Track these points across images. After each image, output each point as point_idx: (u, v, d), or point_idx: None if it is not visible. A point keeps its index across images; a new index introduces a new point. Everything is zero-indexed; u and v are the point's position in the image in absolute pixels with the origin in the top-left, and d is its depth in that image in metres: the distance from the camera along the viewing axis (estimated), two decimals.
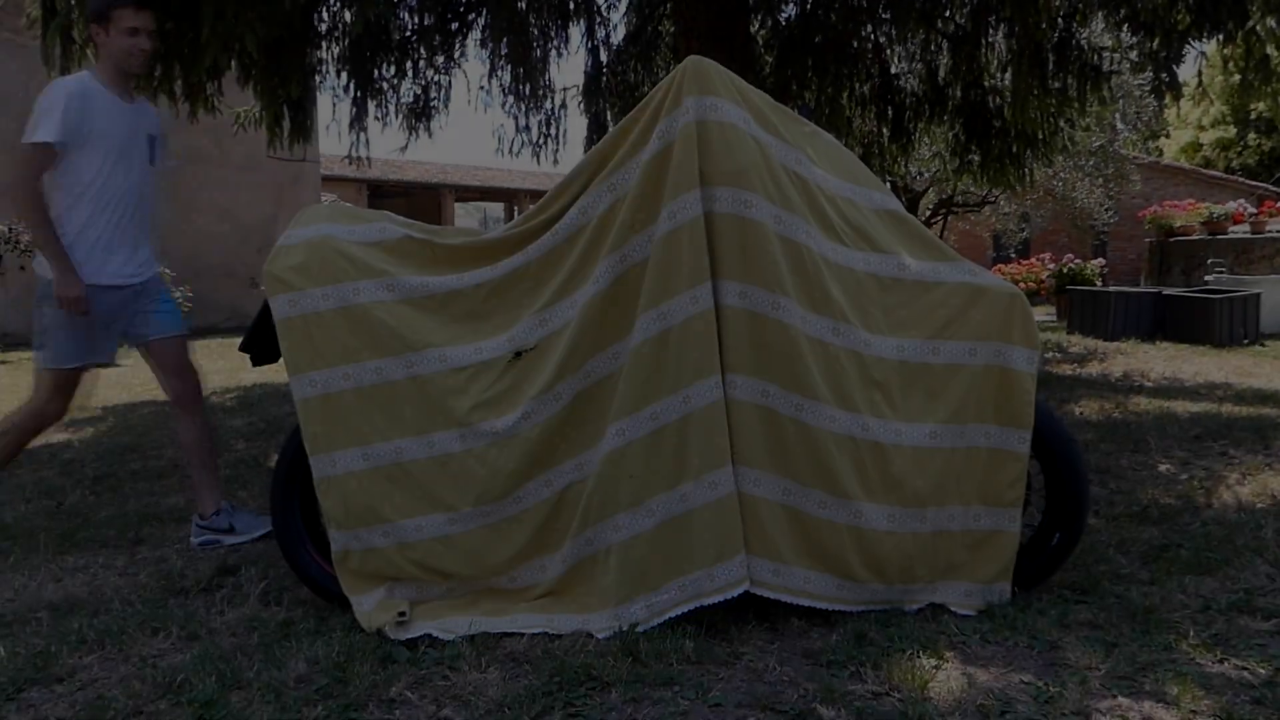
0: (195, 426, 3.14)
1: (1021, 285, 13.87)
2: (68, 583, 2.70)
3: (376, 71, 6.46)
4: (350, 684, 1.95)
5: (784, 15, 6.95)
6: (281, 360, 2.40)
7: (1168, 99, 5.71)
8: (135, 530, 3.24)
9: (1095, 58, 6.36)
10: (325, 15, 5.97)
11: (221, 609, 2.44)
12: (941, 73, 7.22)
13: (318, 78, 6.34)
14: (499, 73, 7.01)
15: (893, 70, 7.47)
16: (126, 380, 7.95)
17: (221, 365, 9.02)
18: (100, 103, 2.91)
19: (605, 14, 7.17)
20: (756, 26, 7.01)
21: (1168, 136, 27.24)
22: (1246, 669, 1.93)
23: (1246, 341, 8.55)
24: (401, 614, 2.23)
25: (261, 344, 2.48)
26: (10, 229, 9.85)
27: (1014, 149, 7.27)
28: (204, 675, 1.98)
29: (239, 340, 2.55)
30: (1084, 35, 6.47)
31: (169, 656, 2.14)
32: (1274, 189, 20.50)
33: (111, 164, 2.93)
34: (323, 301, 2.31)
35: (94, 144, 2.88)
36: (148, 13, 2.95)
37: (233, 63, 5.31)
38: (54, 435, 5.22)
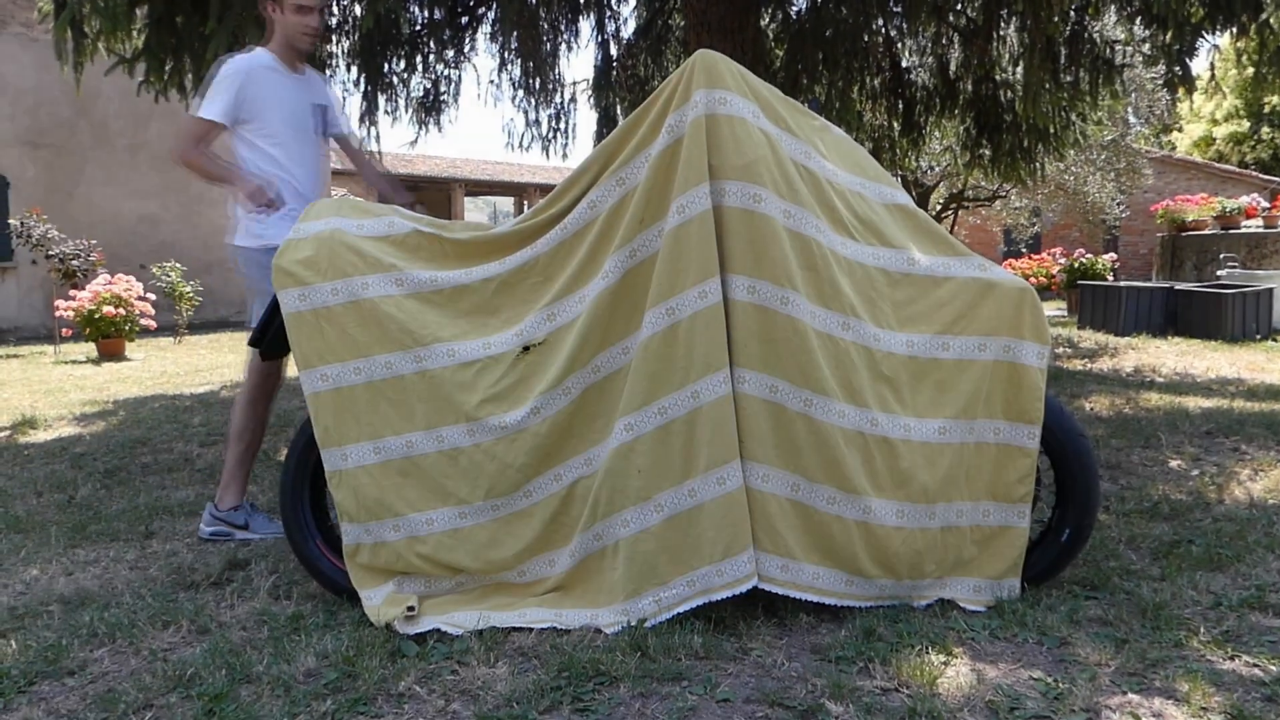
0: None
1: (1032, 280, 13.81)
2: (79, 576, 2.72)
3: (387, 66, 6.46)
4: (359, 678, 1.95)
5: (794, 9, 6.92)
6: (291, 354, 2.41)
7: (1180, 92, 5.66)
8: (146, 524, 3.26)
9: (1107, 51, 6.31)
10: (336, 9, 5.98)
11: (231, 603, 2.45)
12: (953, 66, 7.18)
13: (328, 72, 6.35)
14: (509, 67, 7.01)
15: (903, 64, 7.43)
16: (137, 374, 8.00)
17: (231, 359, 9.06)
18: (268, 78, 3.01)
19: (615, 8, 7.15)
20: (767, 20, 6.98)
21: (1180, 130, 27.02)
22: (1258, 666, 1.92)
23: (1259, 337, 8.49)
24: (410, 609, 2.23)
25: (271, 339, 2.49)
26: (22, 223, 9.90)
27: (1025, 143, 7.23)
28: (214, 669, 1.99)
29: (248, 334, 2.56)
30: (1096, 28, 6.42)
31: (179, 650, 2.16)
32: None
33: (285, 137, 3.04)
34: (332, 296, 2.31)
35: (266, 119, 3.01)
36: None
37: None
38: (64, 429, 5.25)
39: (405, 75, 6.65)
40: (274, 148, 3.03)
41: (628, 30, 7.46)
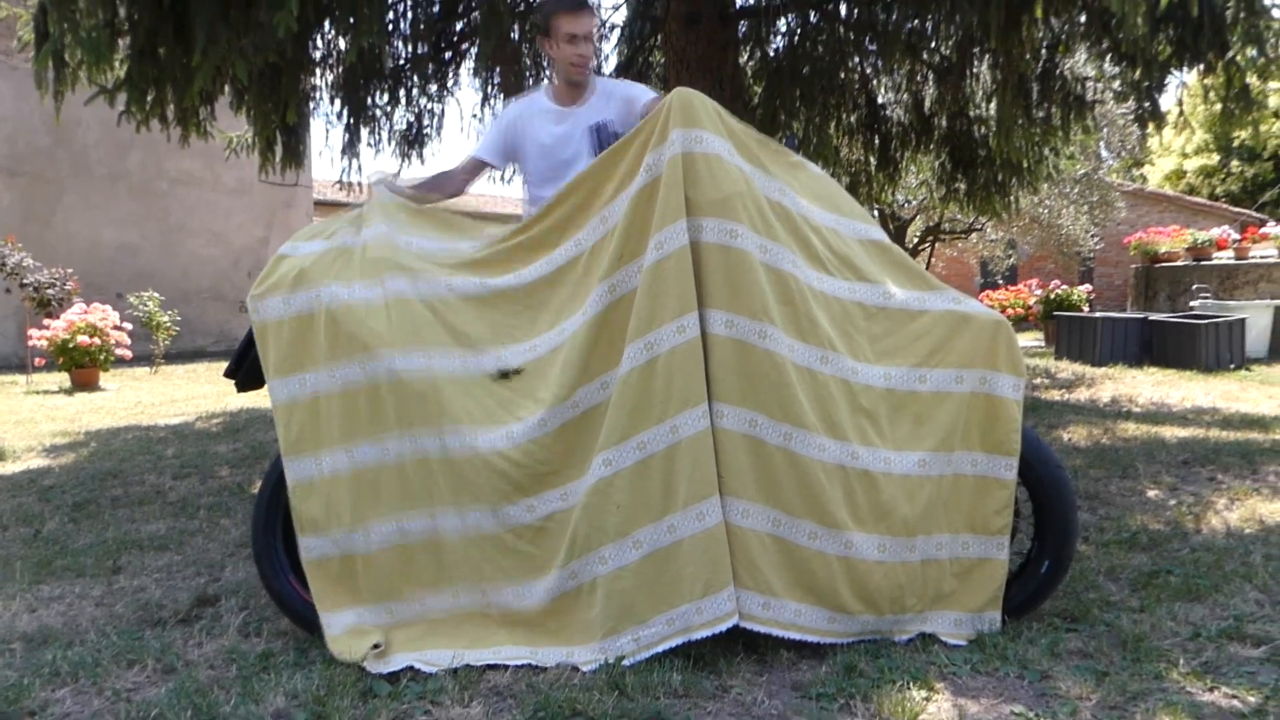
0: None
1: (1009, 311, 13.96)
2: (43, 613, 2.65)
3: (370, 99, 6.49)
4: (330, 719, 1.91)
5: (772, 47, 7.03)
6: (265, 388, 2.38)
7: (1150, 127, 5.78)
8: (114, 559, 3.19)
9: (1079, 87, 6.45)
10: (319, 42, 6.00)
11: (199, 640, 2.40)
12: (927, 103, 7.31)
13: (311, 104, 6.36)
14: (492, 101, 7.06)
15: (879, 100, 7.55)
16: (111, 405, 7.88)
17: (208, 390, 8.96)
18: (530, 124, 3.00)
19: (597, 44, 7.23)
20: (745, 58, 7.08)
21: (1152, 164, 27.58)
22: (1236, 697, 1.91)
23: (1233, 366, 8.61)
24: (376, 645, 2.18)
25: (246, 371, 2.46)
26: None
27: (999, 177, 7.35)
28: (179, 710, 1.94)
29: (226, 364, 2.53)
30: (1067, 66, 6.56)
31: (144, 690, 2.10)
32: (1257, 215, 20.76)
33: (547, 178, 2.99)
34: (305, 305, 2.33)
35: (525, 166, 3.06)
36: (584, 16, 2.86)
37: (225, 88, 5.33)
38: (33, 461, 5.15)
39: (388, 108, 6.68)
40: (541, 190, 3.03)
41: (609, 67, 7.54)
